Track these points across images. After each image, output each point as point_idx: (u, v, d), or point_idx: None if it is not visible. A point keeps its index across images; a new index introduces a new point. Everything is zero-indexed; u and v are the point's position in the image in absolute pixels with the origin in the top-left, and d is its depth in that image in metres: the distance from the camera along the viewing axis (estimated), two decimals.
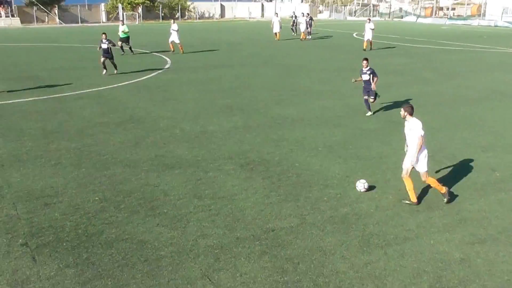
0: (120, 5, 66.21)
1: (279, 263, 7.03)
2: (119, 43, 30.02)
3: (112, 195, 9.25)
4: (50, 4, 63.02)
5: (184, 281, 6.55)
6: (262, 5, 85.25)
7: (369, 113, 15.41)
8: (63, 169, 10.59)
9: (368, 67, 15.04)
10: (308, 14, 43.93)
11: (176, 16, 71.37)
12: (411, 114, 9.08)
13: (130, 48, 30.74)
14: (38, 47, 34.94)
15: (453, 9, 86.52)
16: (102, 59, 22.24)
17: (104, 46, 22.08)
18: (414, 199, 9.03)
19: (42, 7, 61.53)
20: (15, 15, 60.22)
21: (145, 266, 6.89)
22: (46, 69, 24.59)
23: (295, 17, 46.43)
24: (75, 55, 30.57)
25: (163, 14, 70.34)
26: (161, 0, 71.82)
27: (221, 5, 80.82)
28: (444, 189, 9.10)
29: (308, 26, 41.11)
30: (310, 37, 41.19)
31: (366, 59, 15.16)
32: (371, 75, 15.01)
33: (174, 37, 30.61)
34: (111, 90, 19.23)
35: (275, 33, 39.78)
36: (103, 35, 22.27)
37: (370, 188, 9.61)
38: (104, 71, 22.35)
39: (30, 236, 7.66)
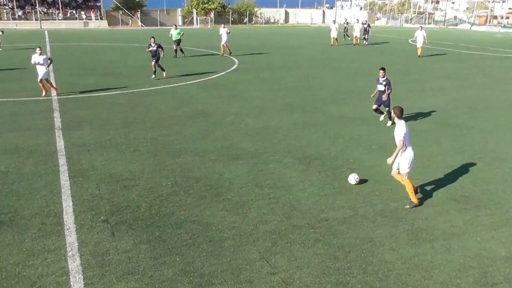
0: (194, 10, 67.44)
1: (331, 251, 6.94)
2: (174, 46, 29.94)
3: (182, 180, 9.46)
4: (134, 9, 65.20)
5: (244, 262, 6.60)
6: (324, 12, 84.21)
7: (382, 118, 14.14)
8: (140, 156, 10.94)
9: (385, 78, 13.50)
10: (366, 21, 42.74)
11: (245, 21, 71.89)
12: (399, 116, 8.42)
13: (181, 50, 30.20)
14: (121, 47, 36.25)
15: (507, 17, 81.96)
16: (153, 62, 21.35)
17: (154, 48, 21.20)
18: (415, 200, 8.45)
19: (126, 11, 63.75)
20: (103, 18, 62.72)
21: (210, 246, 7.00)
22: (128, 66, 25.46)
23: (347, 23, 45.82)
24: None
25: (232, 19, 71.02)
26: (231, 6, 72.52)
27: (286, 11, 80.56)
28: (415, 199, 8.41)
29: (365, 32, 39.97)
30: (367, 42, 40.02)
31: (383, 69, 13.62)
32: (386, 86, 13.47)
33: (224, 39, 30.42)
34: (184, 87, 19.64)
35: (332, 38, 38.98)
36: (152, 38, 21.41)
37: (362, 181, 9.36)
38: (153, 75, 21.41)
39: (110, 214, 7.97)
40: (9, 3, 60.21)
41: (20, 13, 59.35)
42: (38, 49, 17.37)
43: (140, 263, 6.52)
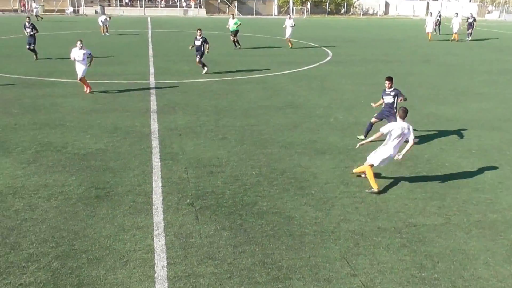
0: (291, 0, 67.43)
1: (418, 259, 6.64)
2: (232, 37, 29.08)
3: (267, 171, 9.56)
4: None
5: (324, 260, 6.53)
6: (428, 3, 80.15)
7: (361, 137, 11.59)
8: (228, 143, 11.21)
9: (393, 88, 11.33)
10: (471, 14, 39.75)
11: (342, 12, 70.56)
12: (402, 117, 8.76)
13: (237, 41, 29.17)
14: (217, 34, 37.21)
15: None
16: (197, 59, 19.59)
17: (198, 43, 19.42)
18: (375, 186, 8.62)
19: (224, 0, 65.37)
20: (202, 6, 64.86)
21: (290, 239, 7.01)
22: (222, 54, 26.13)
23: (440, 16, 43.23)
24: (247, 43, 31.95)
25: (329, 10, 70.03)
26: None
27: (386, 2, 77.80)
28: (375, 187, 8.62)
29: (469, 27, 37.21)
30: (470, 38, 37.28)
31: (390, 79, 11.38)
32: (396, 97, 11.26)
33: (288, 33, 29.53)
34: (275, 77, 19.77)
35: (428, 33, 36.64)
36: (198, 31, 19.57)
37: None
38: (205, 69, 19.89)
39: (196, 198, 8.27)
40: None
41: (127, 0, 63.20)
42: (79, 42, 15.74)
43: (220, 249, 6.70)
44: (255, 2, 68.72)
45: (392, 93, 11.35)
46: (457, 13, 39.09)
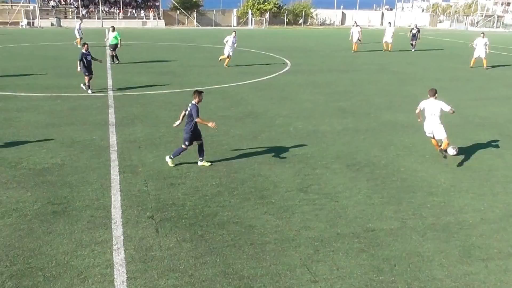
0: (250, 11, 68.02)
1: (376, 262, 6.81)
2: (110, 51, 26.33)
3: (227, 181, 9.58)
4: (190, 8, 66.60)
5: (285, 268, 6.60)
6: (382, 14, 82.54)
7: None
8: (188, 154, 11.14)
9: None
10: (416, 25, 38.80)
11: (300, 22, 71.67)
12: (434, 95, 10.99)
13: (116, 56, 26.21)
14: (177, 46, 37.11)
15: None
16: (86, 79, 17.73)
17: (88, 58, 17.60)
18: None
19: (183, 11, 65.26)
20: (161, 18, 64.49)
21: (251, 249, 7.05)
22: (182, 65, 26.05)
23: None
24: (207, 54, 32.01)
25: (287, 20, 71.04)
26: (287, 7, 72.53)
27: (342, 12, 79.63)
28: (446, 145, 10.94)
29: (413, 38, 36.92)
30: (414, 49, 36.84)
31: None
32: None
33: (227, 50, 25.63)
34: (234, 87, 19.87)
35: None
36: (85, 45, 17.79)
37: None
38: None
39: (156, 210, 8.20)
40: (74, 2, 63.19)
41: (84, 12, 62.16)
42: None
43: (181, 261, 6.67)
44: (214, 13, 68.92)
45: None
46: (390, 23, 39.90)
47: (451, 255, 7.08)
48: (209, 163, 10.48)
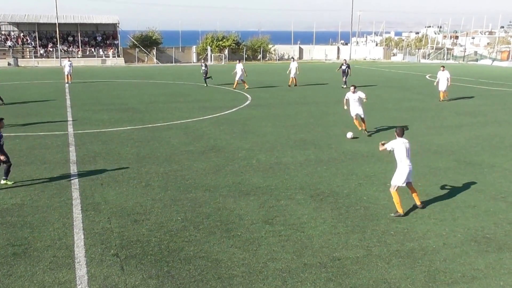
0: (209, 48, 68.92)
1: None
2: None
3: (192, 216, 9.52)
4: (150, 46, 66.88)
5: None
6: (338, 48, 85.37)
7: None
8: (152, 190, 11.06)
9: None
10: (345, 60, 36.34)
11: (258, 58, 73.07)
12: (399, 135, 10.23)
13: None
14: (137, 83, 37.03)
15: None
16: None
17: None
18: (400, 210, 9.68)
19: (143, 49, 65.45)
20: (120, 55, 64.38)
21: (219, 283, 6.99)
22: (143, 102, 25.97)
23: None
24: (168, 90, 32.06)
25: (246, 56, 72.31)
26: (245, 43, 73.92)
27: (300, 47, 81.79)
28: (400, 209, 9.69)
29: (343, 74, 34.35)
30: (344, 86, 33.11)
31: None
32: None
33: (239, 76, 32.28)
34: (196, 122, 19.94)
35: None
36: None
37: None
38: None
39: (121, 248, 8.04)
40: (32, 42, 62.42)
41: (42, 51, 61.39)
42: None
43: None
44: (174, 51, 69.43)
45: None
46: (293, 58, 41.48)
47: (417, 280, 7.23)
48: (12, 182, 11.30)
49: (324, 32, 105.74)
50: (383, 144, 10.45)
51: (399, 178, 9.86)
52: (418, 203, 10.15)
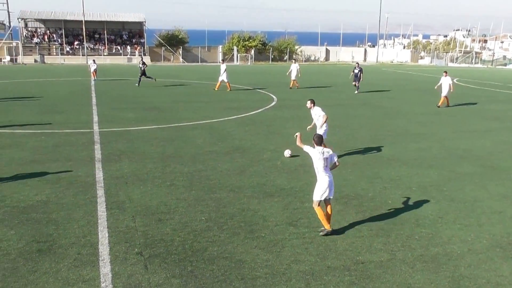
0: (235, 48, 69.19)
1: None
2: None
3: (216, 216, 9.59)
4: (176, 45, 67.54)
5: None
6: (365, 50, 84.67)
7: None
8: (176, 190, 11.18)
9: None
10: (358, 64, 34.26)
11: (285, 58, 72.96)
12: (317, 144, 8.93)
13: None
14: (162, 82, 37.43)
15: None
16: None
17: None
18: (327, 226, 8.77)
19: (169, 48, 66.14)
20: (146, 54, 65.21)
21: (242, 284, 7.02)
22: (168, 101, 26.26)
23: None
24: (193, 90, 32.35)
25: (272, 56, 72.34)
26: (272, 43, 73.94)
27: (326, 49, 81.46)
28: (327, 226, 8.76)
29: (355, 79, 32.68)
30: (357, 92, 32.34)
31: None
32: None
33: (223, 77, 31.15)
34: (221, 122, 20.06)
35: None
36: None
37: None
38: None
39: (145, 247, 8.15)
40: (58, 39, 63.74)
41: (68, 48, 62.64)
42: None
43: None
44: (200, 50, 69.95)
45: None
46: (294, 60, 41.03)
47: (441, 286, 7.13)
48: None
49: (351, 33, 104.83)
50: (301, 141, 9.34)
51: (316, 192, 8.81)
52: (326, 226, 8.76)
